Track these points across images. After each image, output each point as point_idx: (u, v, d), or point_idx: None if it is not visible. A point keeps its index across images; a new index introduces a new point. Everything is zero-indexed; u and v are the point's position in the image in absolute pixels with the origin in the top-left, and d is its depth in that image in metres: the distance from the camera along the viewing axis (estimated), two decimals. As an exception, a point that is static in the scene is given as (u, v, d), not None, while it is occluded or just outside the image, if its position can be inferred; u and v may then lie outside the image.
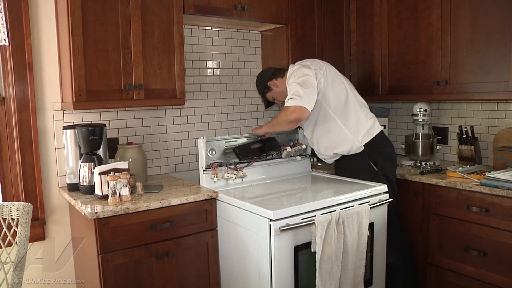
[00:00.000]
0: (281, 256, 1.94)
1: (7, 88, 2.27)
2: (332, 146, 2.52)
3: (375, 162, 2.46)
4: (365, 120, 2.50)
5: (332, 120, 2.47)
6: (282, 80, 2.57)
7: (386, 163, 2.48)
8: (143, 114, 2.67)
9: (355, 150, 2.47)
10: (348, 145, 2.47)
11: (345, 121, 2.47)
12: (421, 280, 2.62)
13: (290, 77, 2.44)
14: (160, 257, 2.07)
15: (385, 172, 2.46)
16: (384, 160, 2.48)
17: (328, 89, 2.44)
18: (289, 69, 2.53)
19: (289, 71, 2.51)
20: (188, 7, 2.40)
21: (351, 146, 2.47)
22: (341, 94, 2.48)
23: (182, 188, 2.32)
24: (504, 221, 2.19)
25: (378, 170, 2.45)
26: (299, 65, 2.49)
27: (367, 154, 2.47)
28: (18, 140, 2.27)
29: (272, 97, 2.66)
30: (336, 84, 2.49)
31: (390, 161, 2.51)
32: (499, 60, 2.37)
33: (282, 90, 2.56)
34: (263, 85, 2.65)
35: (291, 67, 2.54)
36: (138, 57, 2.26)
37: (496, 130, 2.72)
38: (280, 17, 2.80)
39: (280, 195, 2.31)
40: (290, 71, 2.49)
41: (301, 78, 2.37)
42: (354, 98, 2.53)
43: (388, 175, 2.47)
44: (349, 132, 2.46)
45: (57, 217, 2.42)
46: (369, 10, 3.01)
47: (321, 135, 2.54)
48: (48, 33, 2.32)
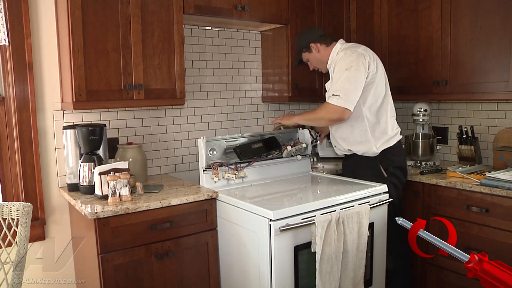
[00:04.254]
0: (281, 256, 1.94)
1: (7, 88, 2.27)
2: (349, 141, 2.48)
3: (386, 169, 2.42)
4: (391, 130, 2.44)
5: (361, 118, 2.40)
6: (325, 48, 2.49)
7: (397, 172, 2.44)
8: (143, 114, 2.67)
9: (370, 154, 2.44)
10: (365, 148, 2.43)
11: (373, 125, 2.40)
12: (421, 280, 2.62)
13: (342, 60, 2.35)
14: (160, 257, 2.07)
15: (394, 181, 2.42)
16: (395, 169, 2.43)
17: (370, 87, 2.36)
18: (339, 45, 2.46)
19: (341, 49, 2.42)
20: (188, 7, 2.40)
21: (368, 149, 2.43)
22: (379, 97, 2.40)
23: (182, 188, 2.32)
24: (504, 221, 2.19)
25: (387, 177, 2.41)
26: (354, 50, 2.36)
27: (379, 159, 2.43)
28: (18, 140, 2.27)
29: (307, 59, 2.57)
30: (379, 85, 2.40)
31: (400, 170, 2.46)
32: (499, 60, 2.38)
33: (321, 57, 2.49)
34: (304, 44, 2.53)
35: (342, 43, 2.47)
36: (138, 57, 2.26)
37: (496, 130, 2.72)
38: (280, 17, 2.80)
39: (280, 195, 2.30)
40: (343, 50, 2.40)
41: (352, 71, 2.28)
42: (389, 104, 2.45)
43: (396, 184, 2.43)
44: (372, 137, 2.41)
45: (57, 217, 2.42)
46: (369, 10, 3.01)
47: (343, 125, 2.46)
48: (48, 33, 2.32)
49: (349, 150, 2.51)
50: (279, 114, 3.25)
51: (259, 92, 3.15)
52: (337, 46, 2.47)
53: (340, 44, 2.48)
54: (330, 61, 2.48)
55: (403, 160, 2.50)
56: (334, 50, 2.47)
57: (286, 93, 2.93)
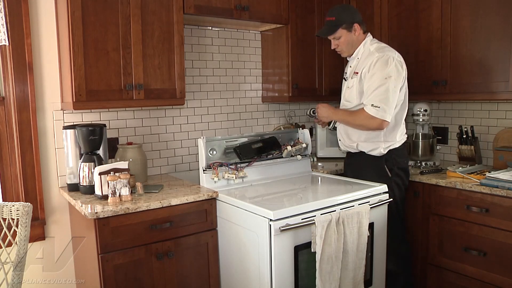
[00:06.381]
0: (281, 256, 1.94)
1: (7, 88, 2.27)
2: (360, 138, 2.44)
3: (391, 169, 2.41)
4: (400, 134, 2.43)
5: None
6: (362, 35, 2.41)
7: (400, 173, 2.43)
8: (143, 114, 2.67)
9: (376, 153, 2.42)
10: (373, 146, 2.41)
11: (387, 130, 2.37)
12: (421, 280, 2.62)
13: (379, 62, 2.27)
14: (160, 257, 2.07)
15: (398, 181, 2.42)
16: (399, 170, 2.42)
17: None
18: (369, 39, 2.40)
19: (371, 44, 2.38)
20: (188, 7, 2.40)
21: (375, 148, 2.41)
22: (400, 102, 2.36)
23: (182, 188, 2.32)
24: (504, 221, 2.19)
25: (392, 177, 2.40)
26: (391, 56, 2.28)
27: (385, 159, 2.41)
28: (18, 140, 2.27)
29: (340, 36, 2.40)
30: (403, 91, 2.36)
31: (404, 172, 2.45)
32: (499, 60, 2.37)
33: (355, 41, 2.41)
34: (349, 20, 2.37)
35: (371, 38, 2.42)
36: (138, 57, 2.26)
37: (496, 130, 2.72)
38: (280, 17, 2.79)
39: (280, 195, 2.30)
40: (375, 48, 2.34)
41: (392, 81, 2.24)
42: (405, 110, 2.42)
43: (399, 184, 2.43)
44: (383, 139, 2.39)
45: (57, 217, 2.42)
46: (369, 10, 3.01)
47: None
48: (48, 33, 2.32)
49: (356, 147, 2.47)
50: (279, 114, 3.26)
51: (259, 92, 3.15)
52: (367, 38, 2.42)
53: (370, 39, 2.43)
54: (357, 51, 2.42)
55: (406, 161, 2.50)
56: (365, 41, 2.41)
57: (286, 93, 2.93)
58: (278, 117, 3.27)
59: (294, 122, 3.29)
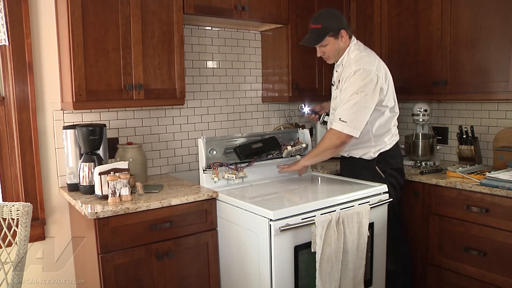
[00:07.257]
0: (281, 256, 1.94)
1: (7, 88, 2.27)
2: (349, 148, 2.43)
3: (384, 171, 2.41)
4: (389, 138, 2.41)
5: (365, 131, 2.32)
6: (347, 40, 2.35)
7: (394, 173, 2.43)
8: (143, 114, 2.67)
9: (367, 157, 2.42)
10: (363, 151, 2.42)
11: (377, 136, 2.37)
12: (421, 280, 2.62)
13: (355, 77, 2.21)
14: (160, 257, 2.07)
15: (392, 181, 2.41)
16: (392, 170, 2.42)
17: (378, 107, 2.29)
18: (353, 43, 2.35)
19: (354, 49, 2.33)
20: (188, 7, 2.40)
21: (365, 153, 2.42)
22: (386, 111, 2.34)
23: (182, 188, 2.32)
24: (504, 221, 2.19)
25: (385, 177, 2.40)
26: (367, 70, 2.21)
27: (376, 161, 2.41)
28: (18, 140, 2.27)
29: (327, 43, 2.33)
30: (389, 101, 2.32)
31: (398, 172, 2.45)
32: (499, 60, 2.37)
33: (342, 47, 2.35)
34: (336, 27, 2.30)
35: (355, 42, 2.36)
36: (138, 57, 2.26)
37: (496, 130, 2.72)
38: (280, 17, 2.80)
39: (280, 195, 2.30)
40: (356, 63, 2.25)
41: (363, 97, 2.18)
42: (395, 115, 2.41)
43: (394, 184, 2.42)
44: (373, 145, 2.39)
45: (57, 217, 2.42)
46: (369, 10, 3.01)
47: None
48: (48, 33, 2.32)
49: (348, 154, 2.51)
50: (279, 114, 3.26)
51: (259, 92, 3.15)
52: (351, 44, 2.37)
53: (354, 43, 2.37)
54: (343, 58, 2.38)
55: (400, 161, 2.49)
56: (349, 47, 2.36)
57: (286, 93, 2.93)
58: (278, 117, 3.27)
59: (294, 122, 3.29)
